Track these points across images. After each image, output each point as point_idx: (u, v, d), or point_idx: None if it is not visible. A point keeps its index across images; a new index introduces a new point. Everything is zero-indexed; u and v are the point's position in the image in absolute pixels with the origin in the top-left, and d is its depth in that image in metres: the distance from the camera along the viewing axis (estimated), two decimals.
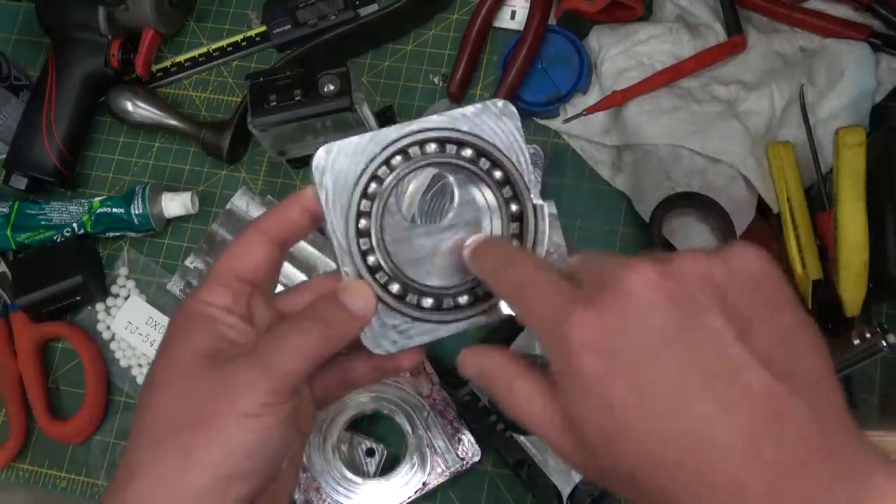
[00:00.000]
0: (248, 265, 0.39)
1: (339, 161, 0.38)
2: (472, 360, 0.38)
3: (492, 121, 0.39)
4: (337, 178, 0.38)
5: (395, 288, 0.38)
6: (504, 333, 0.67)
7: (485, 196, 0.40)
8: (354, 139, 0.38)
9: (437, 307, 0.39)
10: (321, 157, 0.38)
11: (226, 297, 0.38)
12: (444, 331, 0.39)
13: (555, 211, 0.39)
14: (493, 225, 0.39)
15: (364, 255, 0.38)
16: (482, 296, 0.39)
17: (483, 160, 0.39)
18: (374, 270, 0.38)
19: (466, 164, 0.39)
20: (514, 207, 0.39)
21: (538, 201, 0.39)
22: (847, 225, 0.62)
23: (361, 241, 0.38)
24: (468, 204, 0.40)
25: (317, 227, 0.40)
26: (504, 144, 0.39)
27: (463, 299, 0.39)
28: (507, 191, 0.39)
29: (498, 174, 0.39)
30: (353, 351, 0.40)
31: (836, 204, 0.62)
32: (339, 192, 0.38)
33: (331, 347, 0.36)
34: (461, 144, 0.39)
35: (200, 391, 0.35)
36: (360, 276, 0.38)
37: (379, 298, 0.38)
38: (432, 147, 0.39)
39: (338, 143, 0.38)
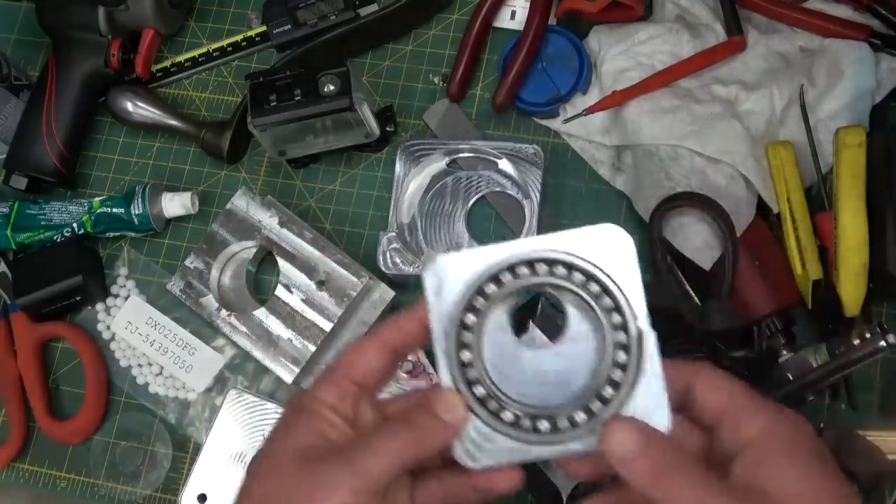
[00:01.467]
0: (362, 370, 0.40)
1: (449, 272, 0.38)
2: (629, 438, 0.37)
3: (605, 244, 0.38)
4: (445, 290, 0.38)
5: (491, 404, 0.38)
6: None
7: (590, 321, 0.38)
8: (467, 253, 0.38)
9: (533, 427, 0.38)
10: (436, 266, 0.38)
11: (334, 395, 0.39)
12: (537, 452, 0.38)
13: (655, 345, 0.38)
14: (602, 352, 0.38)
15: (463, 367, 0.38)
16: (579, 423, 0.38)
17: (593, 284, 0.38)
18: (471, 384, 0.38)
19: (575, 289, 0.38)
20: (620, 336, 0.38)
21: (646, 328, 0.38)
22: (847, 225, 0.62)
23: (463, 353, 0.38)
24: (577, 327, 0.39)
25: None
26: (614, 270, 0.38)
27: (562, 422, 0.38)
28: (615, 317, 0.38)
29: (607, 301, 0.38)
30: (458, 468, 0.40)
31: (835, 204, 0.62)
32: (445, 303, 0.38)
33: (418, 452, 0.37)
34: (571, 267, 0.38)
35: (292, 486, 0.36)
36: (457, 388, 0.38)
37: (472, 410, 0.37)
38: (542, 268, 0.38)
39: (451, 256, 0.38)
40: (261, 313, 0.70)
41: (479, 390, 0.38)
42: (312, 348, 0.68)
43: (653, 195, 0.67)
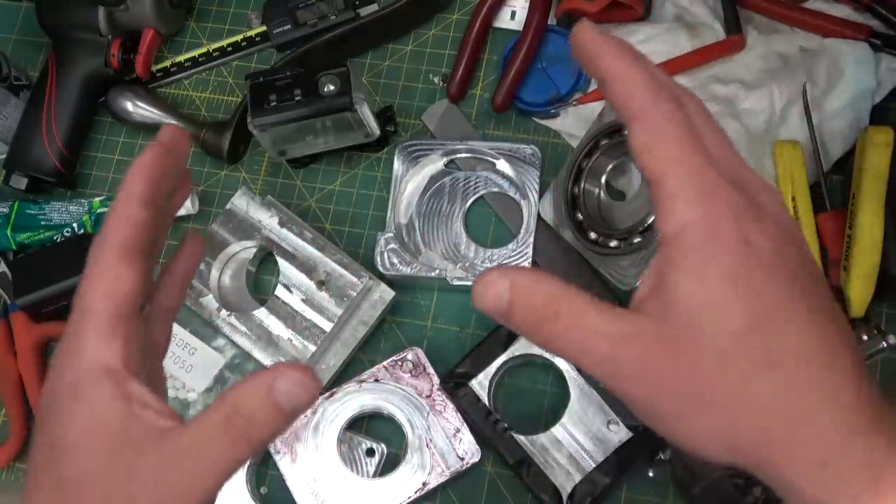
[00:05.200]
0: (118, 296, 0.36)
1: None
2: (500, 278, 0.33)
3: None
4: None
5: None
6: (500, 339, 0.67)
7: None
8: None
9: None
10: None
11: (110, 353, 0.35)
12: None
13: None
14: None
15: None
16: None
17: None
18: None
19: None
20: None
21: None
22: (865, 225, 0.61)
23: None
24: None
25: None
26: None
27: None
28: None
29: None
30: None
31: (855, 203, 0.62)
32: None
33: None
34: None
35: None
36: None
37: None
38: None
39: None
40: (261, 313, 0.70)
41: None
42: (312, 348, 0.68)
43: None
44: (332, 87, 0.69)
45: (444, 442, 0.66)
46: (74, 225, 0.76)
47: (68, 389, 0.35)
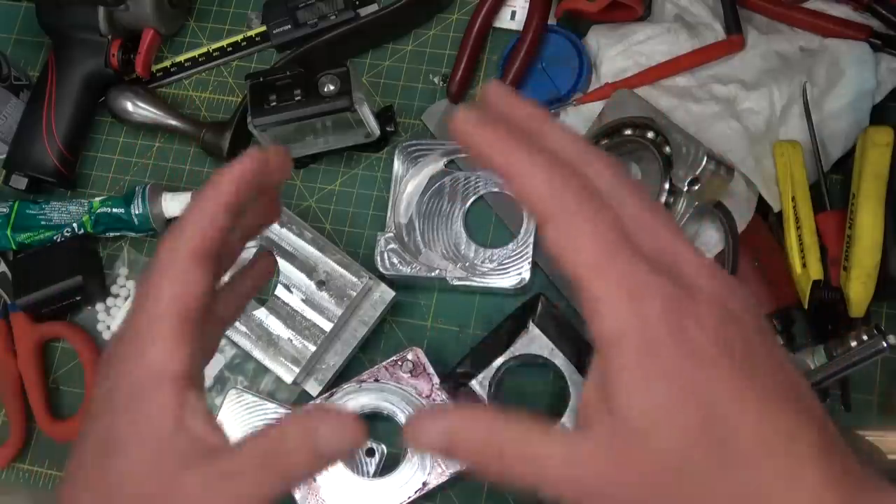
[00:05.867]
0: (186, 301, 0.35)
1: None
2: (433, 424, 0.32)
3: None
4: None
5: None
6: (501, 339, 0.67)
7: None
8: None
9: None
10: None
11: (178, 359, 0.34)
12: None
13: None
14: None
15: None
16: None
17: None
18: None
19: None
20: None
21: None
22: (865, 225, 0.61)
23: None
24: None
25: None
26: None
27: None
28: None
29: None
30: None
31: (855, 203, 0.62)
32: None
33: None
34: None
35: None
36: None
37: None
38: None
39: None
40: (261, 313, 0.70)
41: None
42: (312, 348, 0.68)
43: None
44: (332, 87, 0.69)
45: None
46: (74, 225, 0.76)
47: (128, 391, 0.34)
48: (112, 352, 0.37)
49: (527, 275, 0.68)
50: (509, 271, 0.68)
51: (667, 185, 0.62)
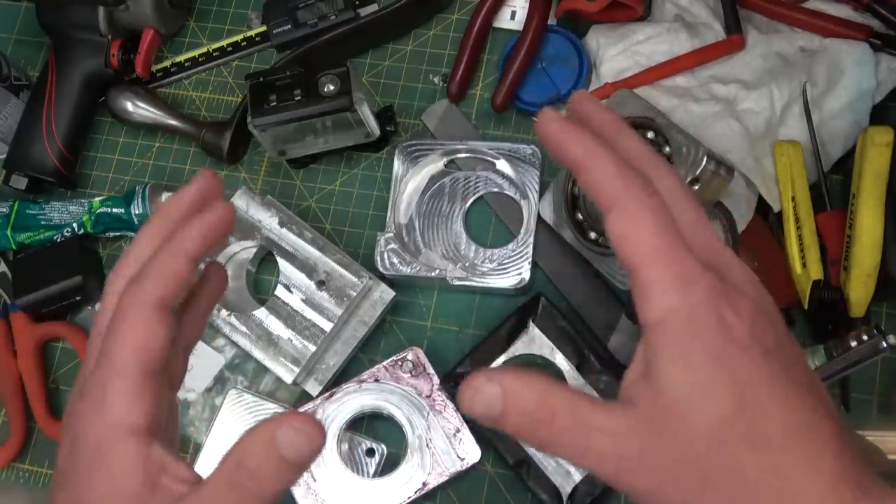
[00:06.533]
0: (148, 351, 0.35)
1: None
2: (488, 384, 0.33)
3: None
4: None
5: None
6: (501, 339, 0.67)
7: None
8: None
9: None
10: None
11: (135, 409, 0.34)
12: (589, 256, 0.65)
13: None
14: None
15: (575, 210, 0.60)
16: None
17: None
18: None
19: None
20: None
21: None
22: (865, 225, 0.61)
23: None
24: None
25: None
26: None
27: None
28: None
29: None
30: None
31: (854, 202, 0.62)
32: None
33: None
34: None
35: None
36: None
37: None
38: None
39: None
40: (261, 313, 0.70)
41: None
42: (312, 348, 0.68)
43: None
44: (332, 87, 0.69)
45: (443, 442, 0.66)
46: (74, 225, 0.76)
47: (92, 448, 0.34)
48: (72, 409, 0.37)
49: (527, 275, 0.68)
50: (509, 271, 0.68)
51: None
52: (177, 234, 0.37)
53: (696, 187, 0.61)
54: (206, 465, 0.69)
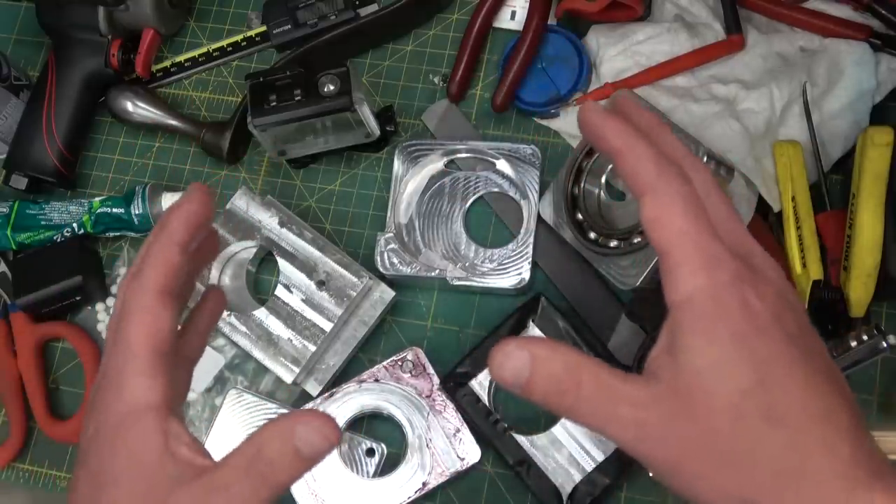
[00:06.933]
0: (157, 337, 0.38)
1: None
2: (518, 350, 0.35)
3: None
4: None
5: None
6: (501, 339, 0.67)
7: None
8: None
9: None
10: None
11: (155, 391, 0.37)
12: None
13: None
14: None
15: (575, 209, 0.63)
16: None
17: None
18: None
19: None
20: None
21: None
22: (865, 225, 0.61)
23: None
24: None
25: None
26: None
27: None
28: None
29: None
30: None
31: (854, 202, 0.62)
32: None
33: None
34: None
35: None
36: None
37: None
38: None
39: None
40: (261, 313, 0.70)
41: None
42: (312, 348, 0.68)
43: None
44: (332, 87, 0.69)
45: (443, 442, 0.66)
46: (74, 225, 0.76)
47: (113, 427, 0.37)
48: (92, 399, 0.39)
49: (527, 275, 0.68)
50: (509, 271, 0.68)
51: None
52: (163, 228, 0.40)
53: None
54: None
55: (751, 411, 0.32)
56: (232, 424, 0.70)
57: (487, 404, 0.66)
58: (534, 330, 0.67)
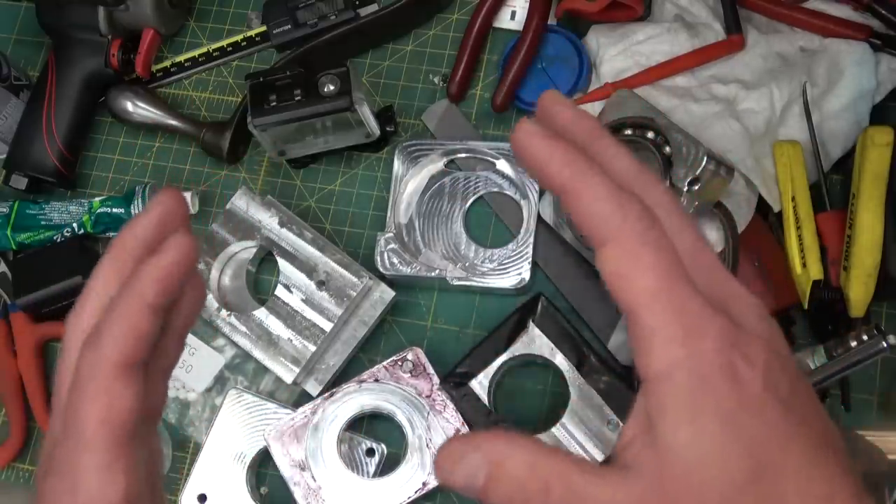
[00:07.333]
0: (119, 418, 0.32)
1: None
2: (471, 450, 0.30)
3: None
4: None
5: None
6: (501, 339, 0.67)
7: None
8: None
9: None
10: None
11: (115, 485, 0.31)
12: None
13: None
14: None
15: None
16: None
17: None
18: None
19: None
20: None
21: None
22: (865, 225, 0.61)
23: None
24: None
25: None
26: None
27: None
28: None
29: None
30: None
31: (854, 202, 0.62)
32: None
33: None
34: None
35: None
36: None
37: None
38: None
39: None
40: (261, 313, 0.70)
41: None
42: (312, 348, 0.68)
43: None
44: (332, 87, 0.69)
45: (444, 442, 0.66)
46: (74, 225, 0.76)
47: None
48: (43, 486, 0.33)
49: (527, 275, 0.68)
50: (509, 271, 0.68)
51: (667, 185, 0.63)
52: (131, 281, 0.32)
53: (696, 187, 0.61)
54: (206, 464, 0.69)
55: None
56: (232, 424, 0.70)
57: (487, 404, 0.66)
58: (534, 330, 0.67)
